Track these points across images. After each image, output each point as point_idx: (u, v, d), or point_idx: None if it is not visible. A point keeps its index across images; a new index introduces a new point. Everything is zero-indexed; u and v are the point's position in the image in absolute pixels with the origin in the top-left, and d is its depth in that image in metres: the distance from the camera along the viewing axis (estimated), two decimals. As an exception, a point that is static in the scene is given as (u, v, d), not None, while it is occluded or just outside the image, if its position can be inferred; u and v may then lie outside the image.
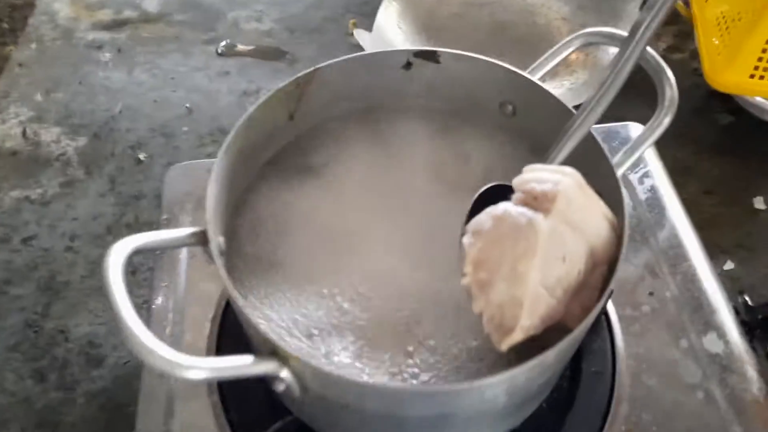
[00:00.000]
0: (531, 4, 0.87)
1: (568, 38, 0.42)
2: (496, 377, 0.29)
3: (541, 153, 0.38)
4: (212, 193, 0.34)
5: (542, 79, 0.42)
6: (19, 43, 0.88)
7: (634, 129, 0.58)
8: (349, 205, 0.40)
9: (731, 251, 0.66)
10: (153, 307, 0.47)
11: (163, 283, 0.48)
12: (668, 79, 0.38)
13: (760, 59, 0.66)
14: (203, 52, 0.88)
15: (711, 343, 0.45)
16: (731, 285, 0.63)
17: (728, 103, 0.78)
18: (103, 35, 0.90)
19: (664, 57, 0.83)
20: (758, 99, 0.71)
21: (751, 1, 0.64)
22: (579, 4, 0.85)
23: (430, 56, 0.42)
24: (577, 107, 0.38)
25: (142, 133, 0.78)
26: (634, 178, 0.54)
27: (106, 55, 0.87)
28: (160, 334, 0.46)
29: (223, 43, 0.89)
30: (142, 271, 0.66)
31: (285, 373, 0.31)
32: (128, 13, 0.94)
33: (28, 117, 0.80)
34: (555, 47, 0.42)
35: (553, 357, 0.30)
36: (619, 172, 0.37)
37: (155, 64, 0.87)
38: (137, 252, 0.32)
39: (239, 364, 0.30)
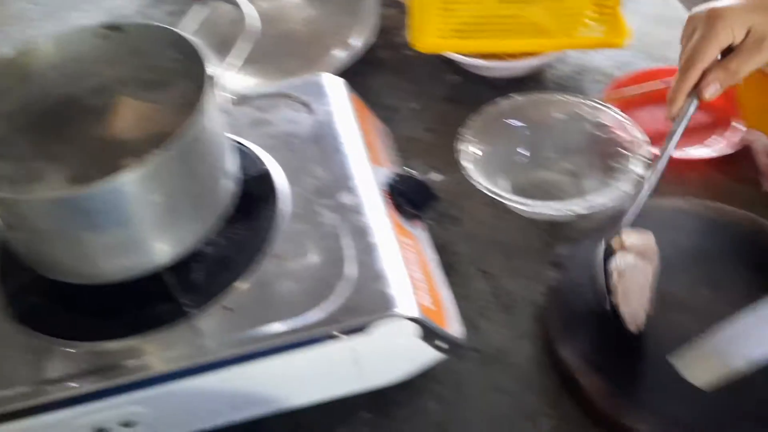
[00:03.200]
0: (310, 16, 1.10)
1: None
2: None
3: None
4: None
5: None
6: None
7: (326, 77, 0.79)
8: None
9: (440, 167, 0.87)
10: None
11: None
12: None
13: (440, 25, 0.89)
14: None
15: (345, 198, 0.65)
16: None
17: (454, 66, 1.00)
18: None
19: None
20: (459, 57, 0.93)
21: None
22: (332, 10, 1.08)
23: (115, 28, 0.63)
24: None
25: None
26: (318, 108, 0.74)
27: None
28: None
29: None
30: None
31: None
32: None
33: None
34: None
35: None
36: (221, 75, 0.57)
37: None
38: None
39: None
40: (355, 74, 0.99)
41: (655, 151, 0.79)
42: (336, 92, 0.76)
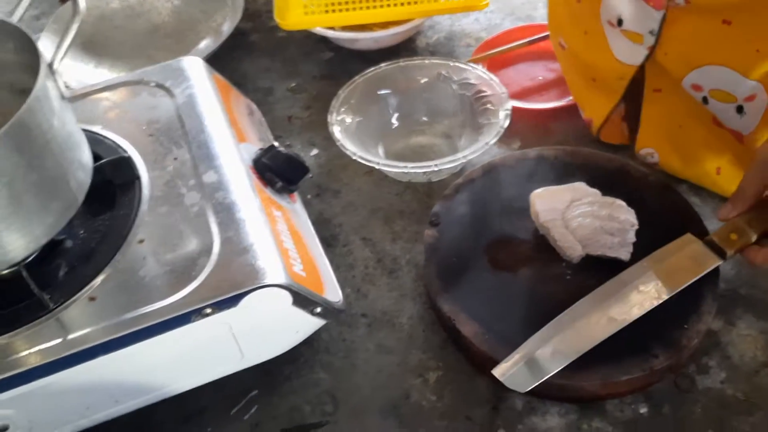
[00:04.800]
0: (177, 6, 1.08)
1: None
2: None
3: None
4: None
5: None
6: None
7: (187, 61, 0.77)
8: None
9: (319, 143, 0.87)
10: None
11: None
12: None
13: (305, 1, 0.89)
14: None
15: (208, 177, 0.64)
16: (309, 162, 0.83)
17: (327, 44, 1.00)
18: None
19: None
20: (330, 33, 0.93)
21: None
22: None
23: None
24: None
25: None
26: (178, 91, 0.73)
27: None
28: None
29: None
30: None
31: None
32: None
33: None
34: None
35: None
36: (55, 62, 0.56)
37: None
38: None
39: None
40: (229, 60, 0.99)
41: (518, 104, 0.82)
42: (197, 74, 0.75)
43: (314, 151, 0.86)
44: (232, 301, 0.55)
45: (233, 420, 0.63)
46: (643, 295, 0.61)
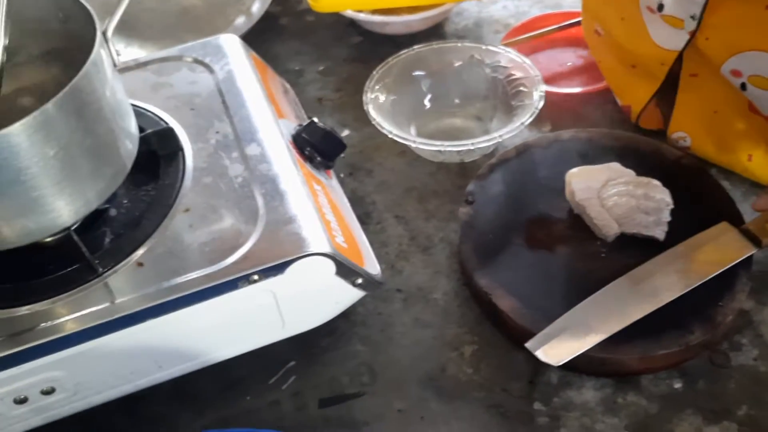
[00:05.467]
0: (206, -11, 1.09)
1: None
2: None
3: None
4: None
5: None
6: None
7: (224, 38, 0.78)
8: None
9: (350, 124, 0.88)
10: None
11: None
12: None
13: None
14: None
15: (251, 149, 0.65)
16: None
17: (356, 28, 1.01)
18: None
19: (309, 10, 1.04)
20: (359, 16, 0.94)
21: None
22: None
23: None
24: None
25: None
26: (217, 67, 0.74)
27: None
28: None
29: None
30: None
31: None
32: None
33: None
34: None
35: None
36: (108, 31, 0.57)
37: None
38: None
39: None
40: (259, 42, 0.99)
41: (549, 88, 0.82)
42: (235, 51, 0.76)
43: (346, 132, 0.87)
44: (279, 269, 0.56)
45: (272, 389, 0.64)
46: (677, 279, 0.62)
